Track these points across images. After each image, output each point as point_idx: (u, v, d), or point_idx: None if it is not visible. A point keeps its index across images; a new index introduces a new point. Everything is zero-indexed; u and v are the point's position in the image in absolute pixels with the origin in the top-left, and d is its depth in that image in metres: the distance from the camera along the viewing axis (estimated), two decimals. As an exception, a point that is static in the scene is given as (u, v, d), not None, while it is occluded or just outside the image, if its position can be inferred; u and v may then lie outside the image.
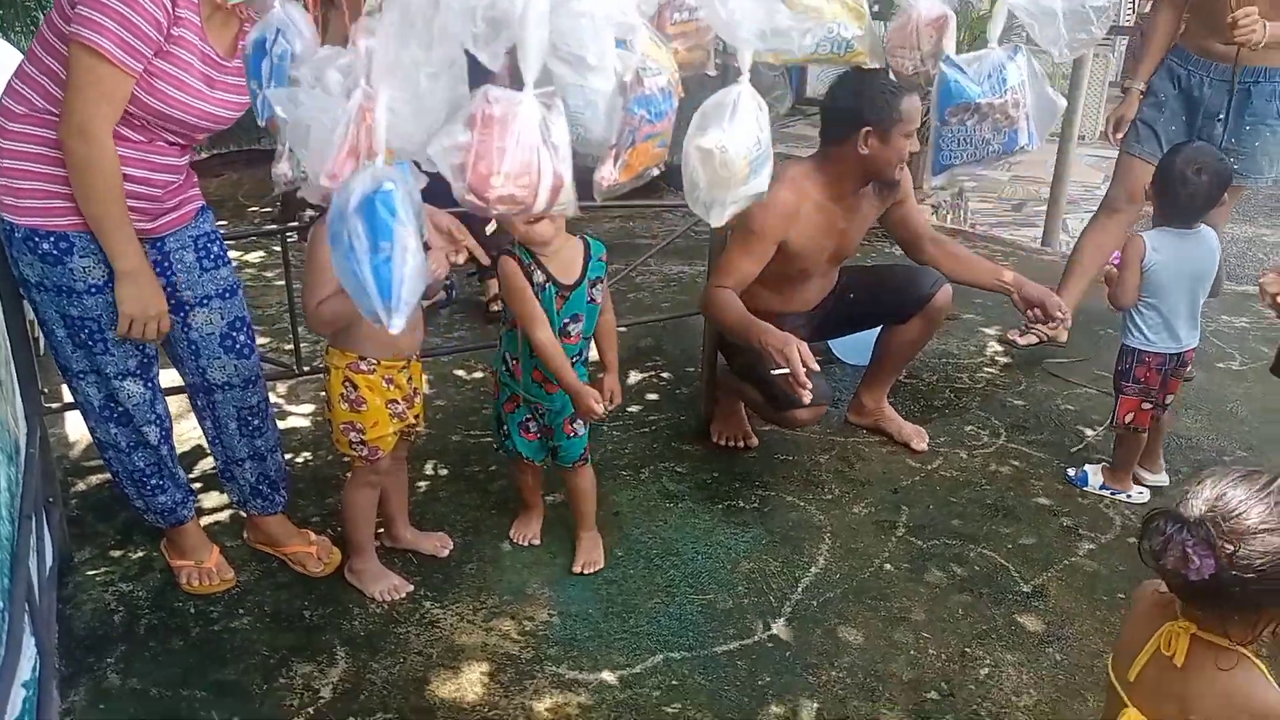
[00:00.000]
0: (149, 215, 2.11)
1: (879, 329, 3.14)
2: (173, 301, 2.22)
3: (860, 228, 2.92)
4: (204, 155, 5.76)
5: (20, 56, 2.51)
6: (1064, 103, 1.73)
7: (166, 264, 2.20)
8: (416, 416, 2.42)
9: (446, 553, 2.59)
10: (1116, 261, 2.70)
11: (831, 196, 2.76)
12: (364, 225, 1.33)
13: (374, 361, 2.27)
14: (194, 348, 2.29)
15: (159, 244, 2.18)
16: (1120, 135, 3.64)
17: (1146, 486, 2.91)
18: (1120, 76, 8.34)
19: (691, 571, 2.55)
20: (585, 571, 2.54)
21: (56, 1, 1.95)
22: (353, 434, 2.30)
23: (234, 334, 2.31)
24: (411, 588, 2.47)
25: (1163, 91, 3.49)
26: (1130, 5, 9.14)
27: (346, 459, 2.43)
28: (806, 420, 2.86)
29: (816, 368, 2.43)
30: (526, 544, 2.64)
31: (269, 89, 1.66)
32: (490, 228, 1.95)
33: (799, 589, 2.49)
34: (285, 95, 1.42)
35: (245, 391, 2.37)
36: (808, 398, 2.48)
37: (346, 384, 2.27)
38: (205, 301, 2.26)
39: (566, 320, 2.33)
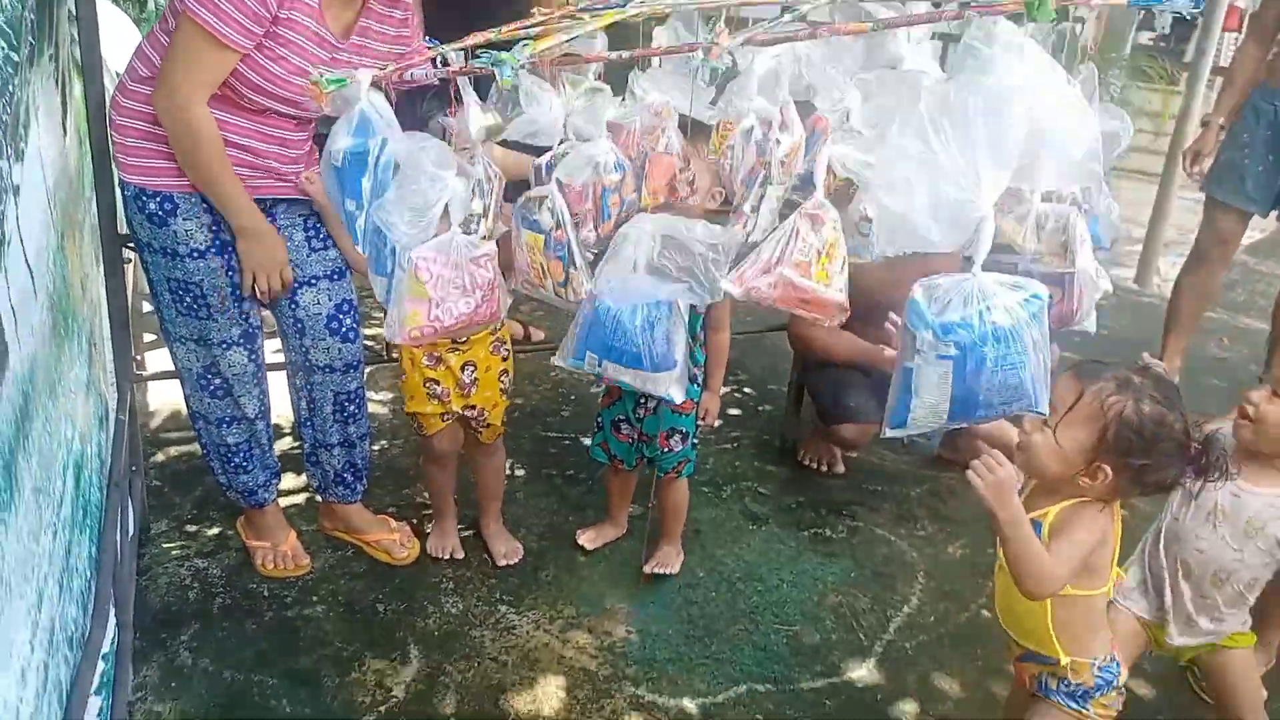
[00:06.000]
0: (257, 180, 2.08)
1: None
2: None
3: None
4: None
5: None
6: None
7: None
8: (472, 408, 2.33)
9: (505, 563, 2.49)
10: None
11: None
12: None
13: None
14: (299, 326, 2.25)
15: (269, 215, 2.14)
16: (1197, 169, 3.47)
17: None
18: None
19: (776, 600, 2.44)
20: (656, 571, 2.45)
21: None
22: (406, 402, 2.37)
23: (340, 316, 2.26)
24: (462, 555, 2.48)
25: (1246, 130, 3.28)
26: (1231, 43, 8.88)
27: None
28: (852, 438, 2.77)
29: None
30: (590, 546, 2.55)
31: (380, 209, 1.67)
32: None
33: (890, 629, 2.37)
34: None
35: (345, 376, 2.32)
36: None
37: (399, 350, 2.31)
38: (313, 282, 2.21)
39: None
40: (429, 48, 2.10)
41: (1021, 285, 1.36)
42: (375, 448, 3.00)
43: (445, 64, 1.74)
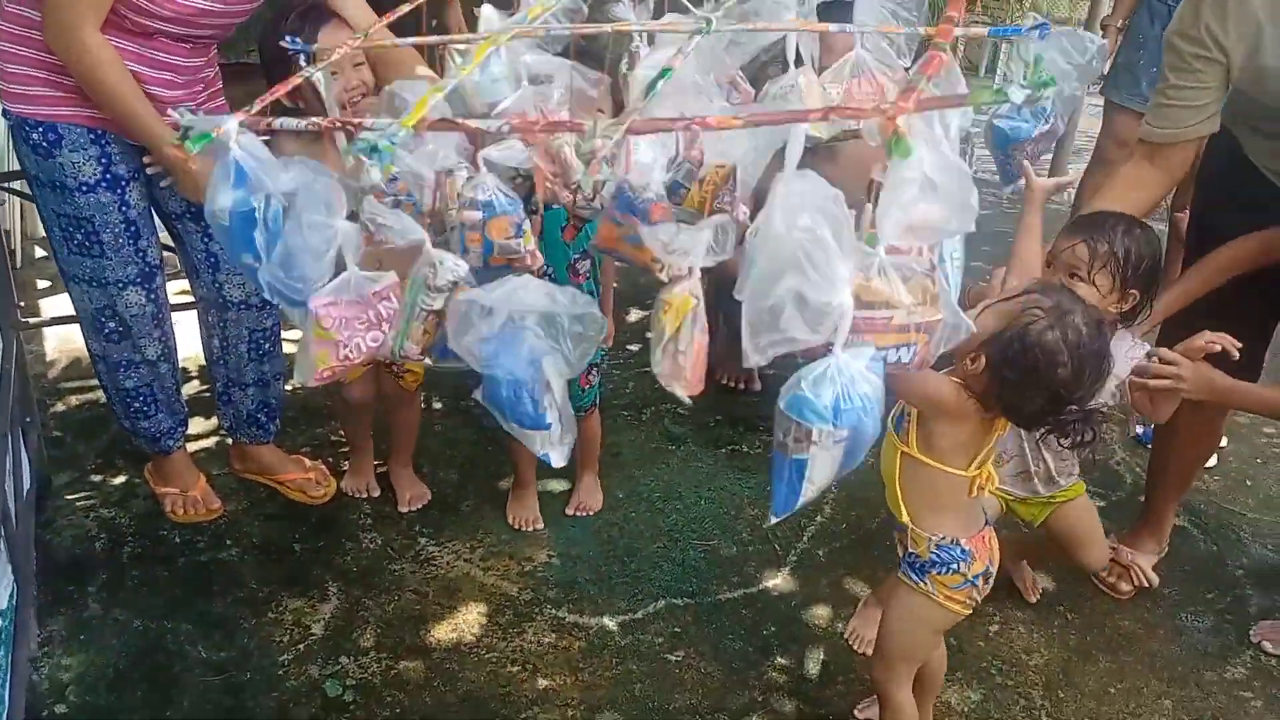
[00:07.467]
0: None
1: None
2: (191, 211, 2.10)
3: None
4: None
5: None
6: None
7: None
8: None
9: (408, 509, 2.44)
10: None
11: None
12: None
13: None
14: (213, 261, 2.17)
15: None
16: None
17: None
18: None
19: (694, 516, 2.48)
20: (579, 514, 2.46)
21: None
22: None
23: None
24: (378, 493, 2.46)
25: (1141, 31, 3.28)
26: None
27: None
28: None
29: None
30: (530, 529, 2.41)
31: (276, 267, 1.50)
32: None
33: (804, 538, 2.43)
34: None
35: (260, 313, 2.26)
36: None
37: None
38: None
39: (576, 257, 2.18)
40: None
41: (863, 348, 1.36)
42: (288, 386, 2.93)
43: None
